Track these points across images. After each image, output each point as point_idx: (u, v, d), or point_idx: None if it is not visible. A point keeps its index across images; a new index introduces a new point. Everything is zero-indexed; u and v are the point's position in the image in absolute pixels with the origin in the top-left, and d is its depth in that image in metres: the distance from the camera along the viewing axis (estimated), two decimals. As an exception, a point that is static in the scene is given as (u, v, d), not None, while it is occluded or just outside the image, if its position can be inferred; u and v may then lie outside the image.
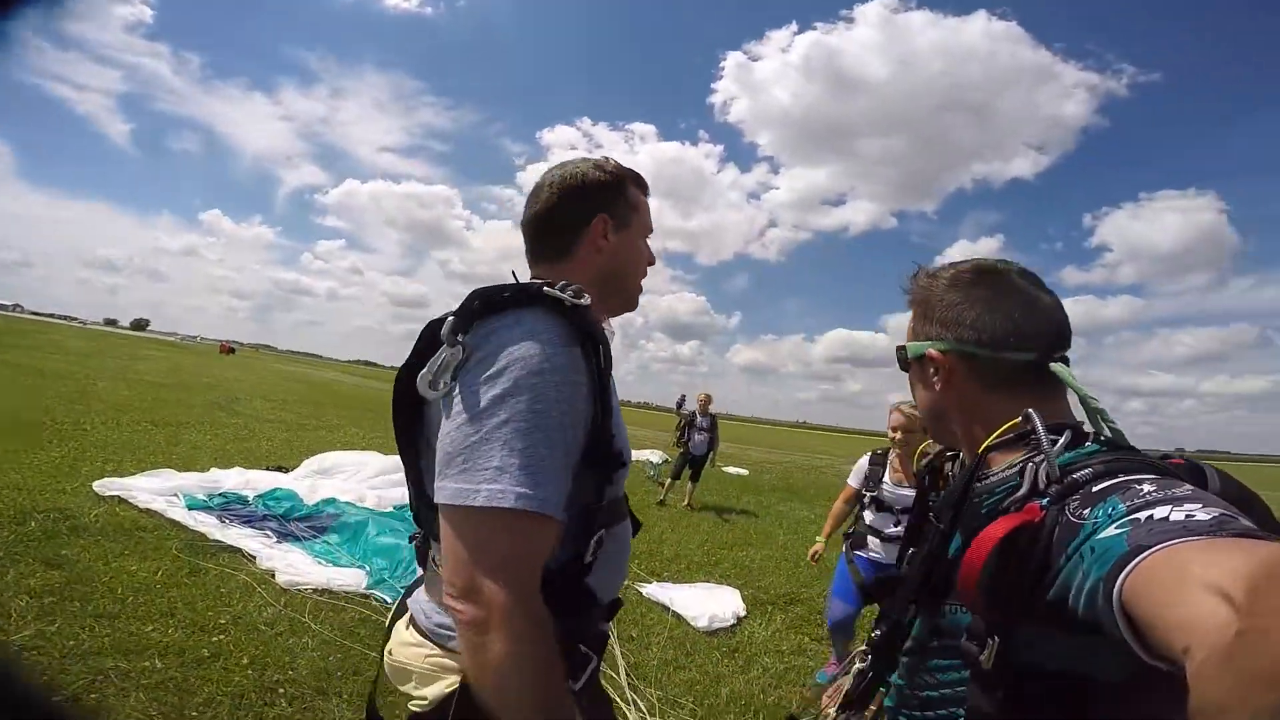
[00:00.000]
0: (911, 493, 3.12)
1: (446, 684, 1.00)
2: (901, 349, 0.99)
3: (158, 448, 7.53)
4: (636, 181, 1.20)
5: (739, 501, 10.52)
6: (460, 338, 0.88)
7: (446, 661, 1.01)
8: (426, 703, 1.02)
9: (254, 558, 4.13)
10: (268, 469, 6.75)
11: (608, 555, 1.04)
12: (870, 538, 3.40)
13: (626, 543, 1.16)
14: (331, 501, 5.53)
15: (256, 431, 10.29)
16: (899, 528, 3.23)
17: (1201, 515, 0.55)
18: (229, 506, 5.16)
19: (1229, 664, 0.40)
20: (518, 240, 1.19)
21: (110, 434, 7.86)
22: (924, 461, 1.22)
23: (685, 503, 9.32)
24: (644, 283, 1.25)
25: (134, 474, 5.61)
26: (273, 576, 3.85)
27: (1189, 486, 0.63)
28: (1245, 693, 0.38)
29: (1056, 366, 0.84)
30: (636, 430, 27.15)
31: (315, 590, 3.76)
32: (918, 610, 0.87)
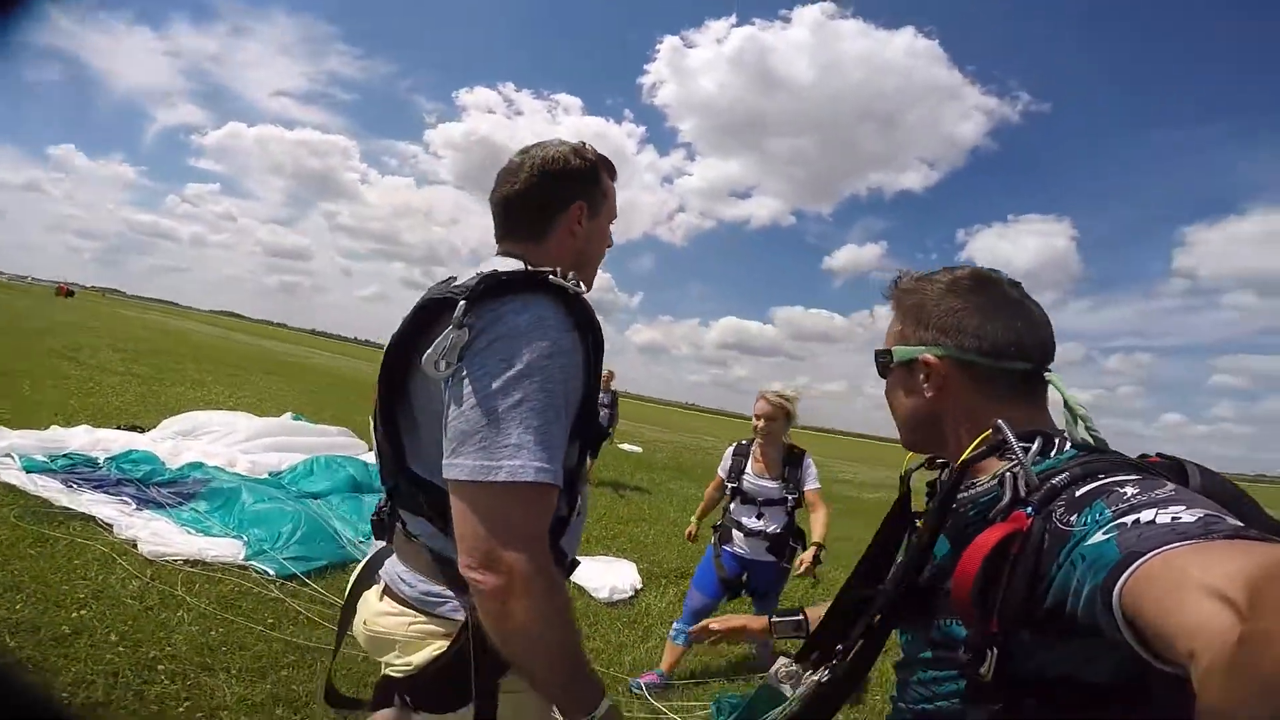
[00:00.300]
0: (774, 485, 3.25)
1: (433, 649, 1.03)
2: (884, 353, 0.97)
3: (-18, 400, 6.55)
4: (609, 169, 1.23)
5: (633, 478, 10.75)
6: (467, 319, 0.91)
7: (433, 628, 1.04)
8: (411, 668, 1.04)
9: (110, 526, 3.71)
10: (120, 428, 6.05)
11: (575, 520, 1.13)
12: (735, 531, 3.33)
13: (585, 505, 1.23)
14: (198, 466, 5.06)
15: (105, 385, 9.15)
16: (761, 521, 3.26)
17: (1187, 517, 0.56)
18: (76, 469, 4.59)
19: (1234, 668, 0.41)
20: (416, 199, 1.23)
21: (-82, 382, 6.74)
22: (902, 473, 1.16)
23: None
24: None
25: (-46, 430, 4.86)
26: (134, 546, 3.50)
27: (1171, 486, 0.64)
28: (1251, 697, 0.39)
29: (1051, 376, 0.87)
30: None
31: (186, 561, 3.46)
32: (904, 623, 0.87)
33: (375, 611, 1.11)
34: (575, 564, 1.20)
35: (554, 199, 1.15)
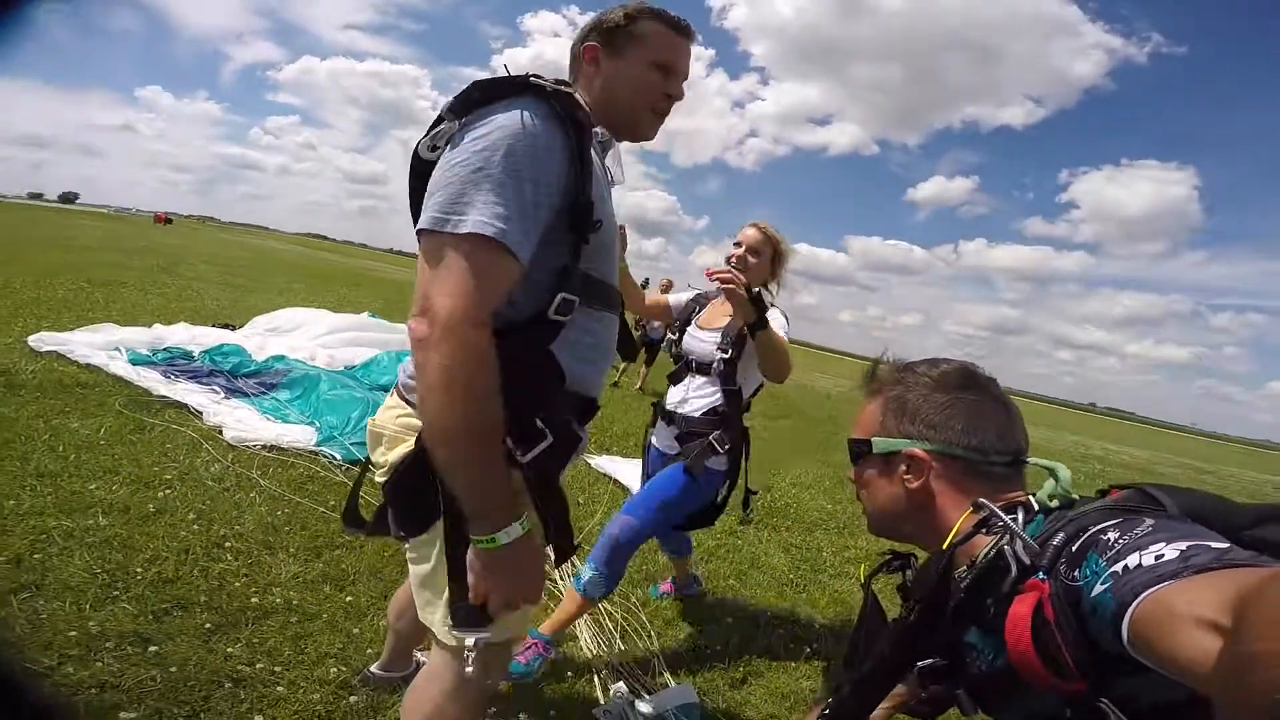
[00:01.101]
0: (709, 338, 2.34)
1: (407, 446, 1.06)
2: (862, 443, 0.99)
3: (95, 305, 7.26)
4: (659, 17, 1.24)
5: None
6: (457, 117, 1.01)
7: (413, 421, 1.08)
8: (387, 467, 1.10)
9: (200, 414, 4.12)
10: (214, 326, 6.60)
11: (578, 337, 1.12)
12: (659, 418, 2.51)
13: (609, 335, 1.23)
14: (281, 358, 5.47)
15: (201, 292, 9.95)
16: (681, 393, 2.40)
17: (1169, 553, 0.60)
18: (174, 361, 5.07)
19: (1231, 691, 0.44)
20: None
21: (43, 293, 7.50)
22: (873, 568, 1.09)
23: (637, 386, 9.67)
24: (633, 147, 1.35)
25: (71, 329, 5.42)
26: (220, 433, 3.87)
27: (1149, 522, 0.67)
28: (1249, 710, 0.41)
29: (1032, 464, 0.93)
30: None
31: (263, 446, 3.80)
32: (995, 709, 0.86)
33: (382, 408, 1.18)
34: (594, 406, 1.22)
35: (576, 45, 1.25)
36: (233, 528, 2.78)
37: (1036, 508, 0.83)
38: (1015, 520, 0.79)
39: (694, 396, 2.37)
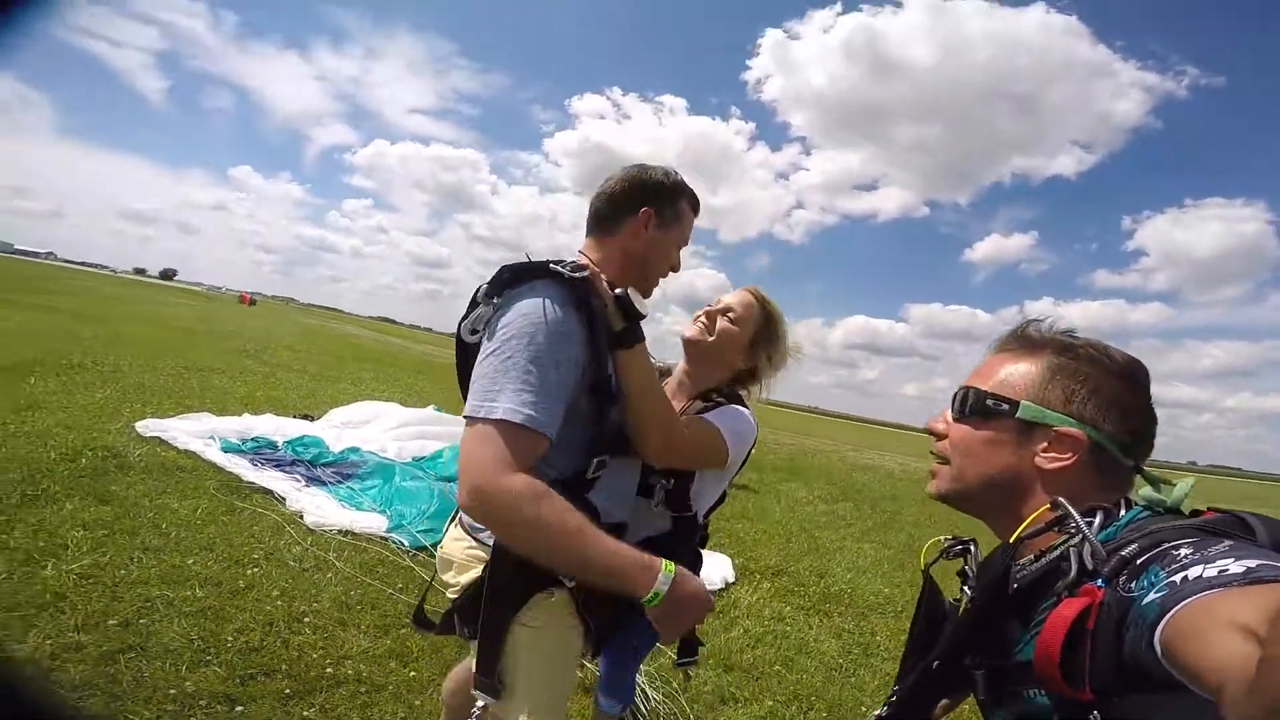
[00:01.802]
0: None
1: (476, 572, 1.25)
2: (1004, 400, 0.89)
3: (191, 392, 7.95)
4: (690, 199, 1.44)
5: (740, 477, 10.70)
6: (493, 300, 1.19)
7: (479, 552, 1.26)
8: (458, 589, 1.27)
9: (284, 499, 4.49)
10: (295, 416, 7.17)
11: (609, 483, 1.30)
12: None
13: (633, 477, 1.41)
14: (355, 450, 5.91)
15: (283, 380, 10.74)
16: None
17: (1234, 568, 0.57)
18: (260, 450, 5.54)
19: (1252, 692, 0.43)
20: (540, 207, 1.55)
21: (147, 377, 8.29)
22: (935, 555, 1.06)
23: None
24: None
25: (172, 416, 6.03)
26: (301, 517, 4.21)
27: (1227, 543, 0.63)
28: (1265, 711, 0.41)
29: (1147, 473, 0.87)
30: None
31: (339, 531, 4.11)
32: (998, 699, 0.85)
33: (449, 538, 1.35)
34: (623, 528, 1.37)
35: (629, 202, 1.36)
36: (311, 604, 3.04)
37: (1120, 512, 0.79)
38: (1091, 524, 0.76)
39: (642, 517, 1.58)
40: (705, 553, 4.71)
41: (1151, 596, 0.61)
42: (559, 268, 1.20)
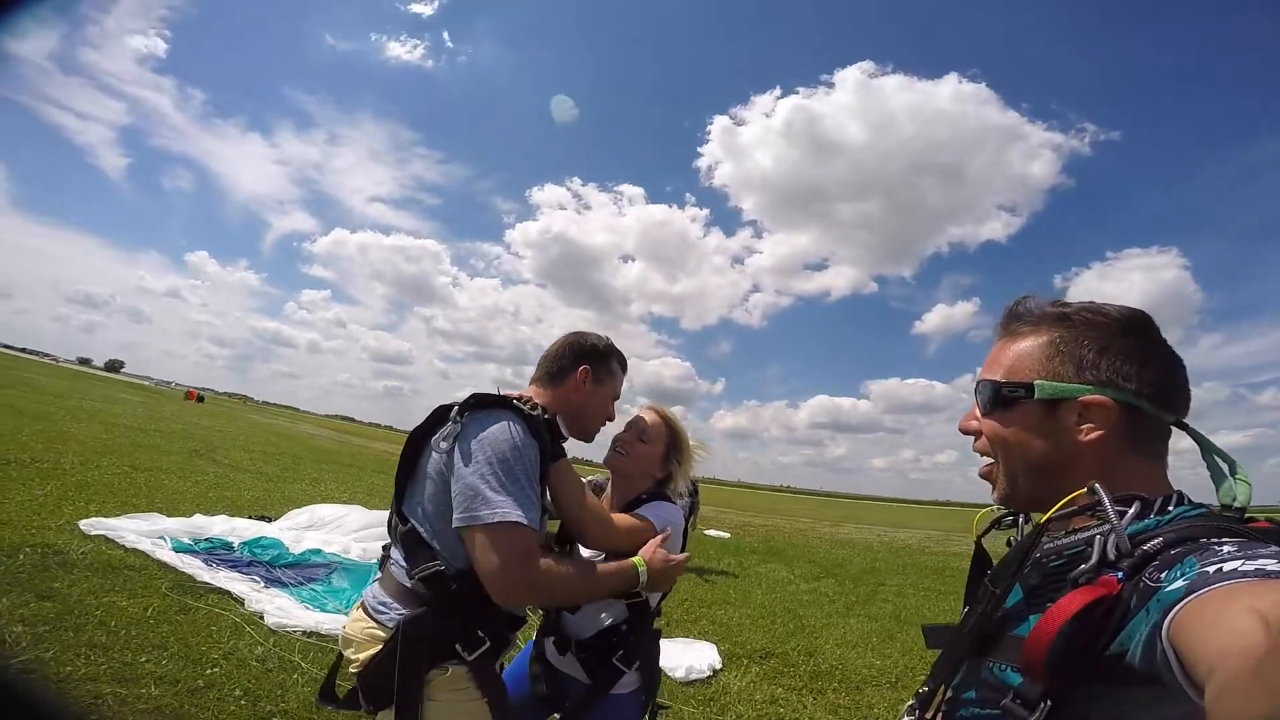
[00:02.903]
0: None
1: (374, 649, 1.37)
2: (1019, 385, 0.86)
3: (139, 491, 7.52)
4: (620, 361, 1.75)
5: (720, 563, 10.54)
6: (460, 418, 1.40)
7: (377, 632, 1.38)
8: (359, 664, 1.39)
9: (242, 600, 4.20)
10: (252, 518, 6.80)
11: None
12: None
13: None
14: (317, 551, 5.63)
15: (237, 481, 10.25)
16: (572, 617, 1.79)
17: (1273, 566, 0.53)
18: (215, 551, 5.24)
19: (1254, 681, 0.40)
20: (503, 299, 1.83)
21: (91, 475, 7.85)
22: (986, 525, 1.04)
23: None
24: (632, 345, 1.83)
25: (118, 515, 5.66)
26: (261, 618, 3.93)
27: (1274, 547, 0.59)
28: (1267, 707, 0.38)
29: (1192, 429, 0.83)
30: (618, 489, 26.80)
31: (304, 632, 3.84)
32: (964, 665, 0.83)
33: (351, 619, 1.47)
34: (521, 619, 1.56)
35: (571, 360, 1.65)
36: (278, 704, 2.80)
37: (1157, 504, 0.75)
38: (1124, 514, 0.72)
39: (587, 611, 1.76)
40: (689, 641, 4.62)
41: (1179, 583, 0.57)
42: (520, 405, 1.45)
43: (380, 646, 1.35)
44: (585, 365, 1.64)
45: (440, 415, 1.46)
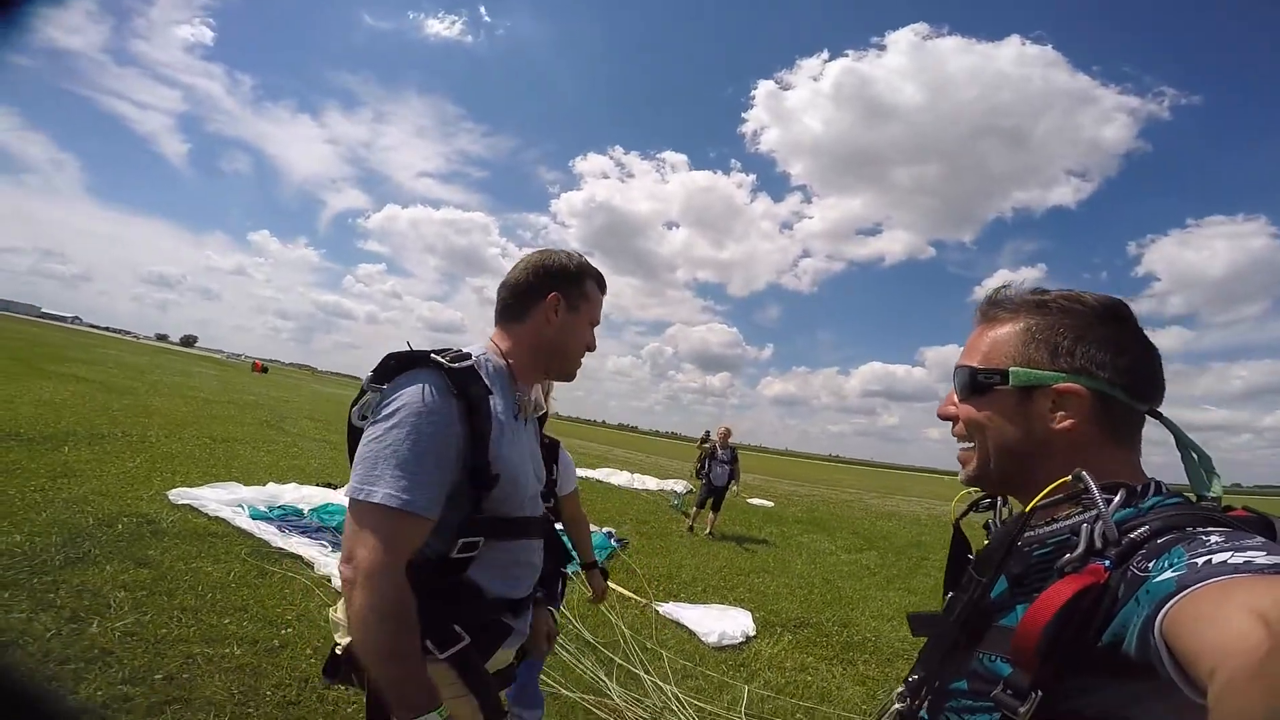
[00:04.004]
0: None
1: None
2: (995, 372, 0.88)
3: (218, 461, 8.15)
4: (597, 280, 1.47)
5: (761, 532, 10.72)
6: (378, 386, 1.22)
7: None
8: (340, 648, 1.30)
9: (312, 564, 4.61)
10: (319, 485, 7.32)
11: (492, 560, 1.29)
12: None
13: (524, 555, 1.39)
14: (379, 517, 6.05)
15: (305, 449, 10.93)
16: None
17: (1262, 559, 0.53)
18: (287, 518, 5.69)
19: (1255, 681, 0.40)
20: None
21: (175, 446, 8.54)
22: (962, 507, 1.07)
23: (707, 531, 9.60)
24: (677, 311, 1.56)
25: (201, 485, 6.21)
26: (329, 581, 4.31)
27: (1259, 538, 0.60)
28: (1267, 706, 0.38)
29: (1166, 416, 0.85)
30: (664, 461, 27.21)
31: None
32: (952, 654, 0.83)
33: (340, 601, 1.34)
34: (523, 603, 1.39)
35: (537, 289, 1.39)
36: (344, 660, 3.11)
37: (1151, 491, 0.76)
38: (1110, 501, 0.72)
39: None
40: (724, 607, 4.72)
41: (1168, 575, 0.57)
42: (440, 357, 1.23)
43: None
44: (555, 291, 1.39)
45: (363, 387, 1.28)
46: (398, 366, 1.22)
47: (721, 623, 4.82)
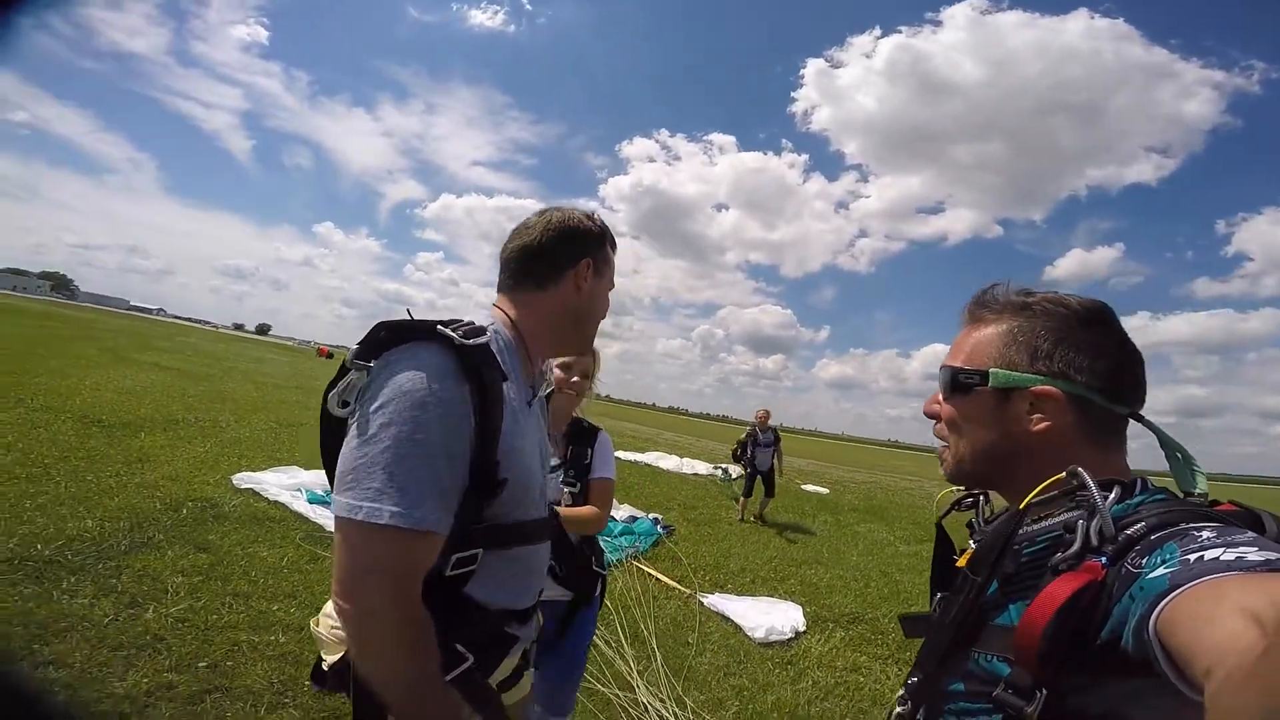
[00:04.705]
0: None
1: (340, 654, 1.16)
2: (974, 373, 0.89)
3: (283, 446, 8.47)
4: (612, 240, 1.32)
5: (815, 520, 10.45)
6: (365, 364, 0.98)
7: (344, 634, 1.10)
8: (328, 665, 1.19)
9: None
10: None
11: (495, 571, 1.12)
12: None
13: (530, 562, 1.24)
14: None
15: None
16: None
17: (1254, 556, 0.54)
18: (343, 503, 5.85)
19: (1251, 681, 0.41)
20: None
21: (244, 432, 8.92)
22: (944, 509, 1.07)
23: (756, 515, 9.37)
24: (728, 294, 1.39)
25: (264, 469, 6.45)
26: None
27: (1250, 534, 0.62)
28: (1265, 707, 0.38)
29: (1148, 419, 0.86)
30: (713, 444, 27.01)
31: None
32: (948, 656, 0.83)
33: (323, 614, 1.25)
34: (529, 613, 1.25)
35: (565, 253, 1.23)
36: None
37: (1138, 489, 0.76)
38: (1106, 498, 0.73)
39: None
40: (774, 601, 4.55)
41: (1161, 571, 0.58)
42: (448, 330, 1.00)
43: (345, 652, 1.12)
44: (587, 257, 1.24)
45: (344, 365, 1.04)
46: (390, 339, 0.99)
47: (770, 617, 4.68)
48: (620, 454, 15.00)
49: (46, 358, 12.71)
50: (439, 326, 1.00)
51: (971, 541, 0.91)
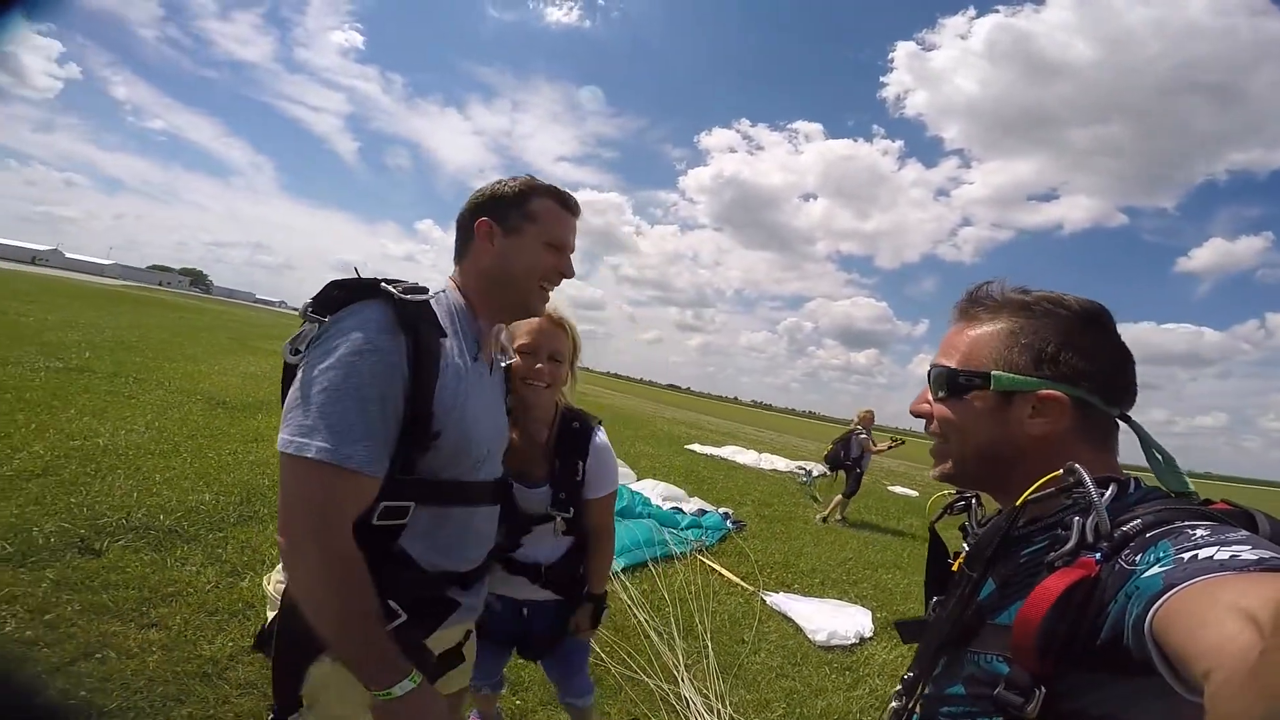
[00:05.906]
0: (537, 490, 1.75)
1: (274, 616, 1.19)
2: (976, 374, 0.87)
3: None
4: (551, 195, 1.31)
5: (900, 523, 10.03)
6: (319, 317, 1.07)
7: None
8: (267, 621, 1.23)
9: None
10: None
11: (428, 529, 1.17)
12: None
13: (471, 524, 1.27)
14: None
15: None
16: (525, 548, 1.81)
17: (1247, 555, 0.55)
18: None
19: (1250, 683, 0.41)
20: (681, 245, 1.25)
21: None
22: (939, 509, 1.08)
23: (839, 516, 9.01)
24: (817, 286, 1.32)
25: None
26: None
27: (1243, 532, 0.62)
28: (1264, 709, 0.38)
29: (1133, 421, 0.86)
30: (795, 440, 26.23)
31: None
32: (944, 656, 0.85)
33: (276, 569, 1.26)
34: (469, 577, 1.27)
35: (468, 219, 1.30)
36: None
37: (1132, 488, 0.77)
38: (1103, 495, 0.73)
39: (541, 545, 1.83)
40: (842, 603, 4.35)
41: (1155, 570, 0.59)
42: (390, 287, 1.09)
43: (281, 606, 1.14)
44: (484, 217, 1.27)
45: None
46: (342, 297, 1.08)
47: (835, 620, 4.55)
48: (695, 447, 14.97)
49: (184, 345, 14.24)
50: (382, 284, 1.10)
51: (965, 545, 0.93)
